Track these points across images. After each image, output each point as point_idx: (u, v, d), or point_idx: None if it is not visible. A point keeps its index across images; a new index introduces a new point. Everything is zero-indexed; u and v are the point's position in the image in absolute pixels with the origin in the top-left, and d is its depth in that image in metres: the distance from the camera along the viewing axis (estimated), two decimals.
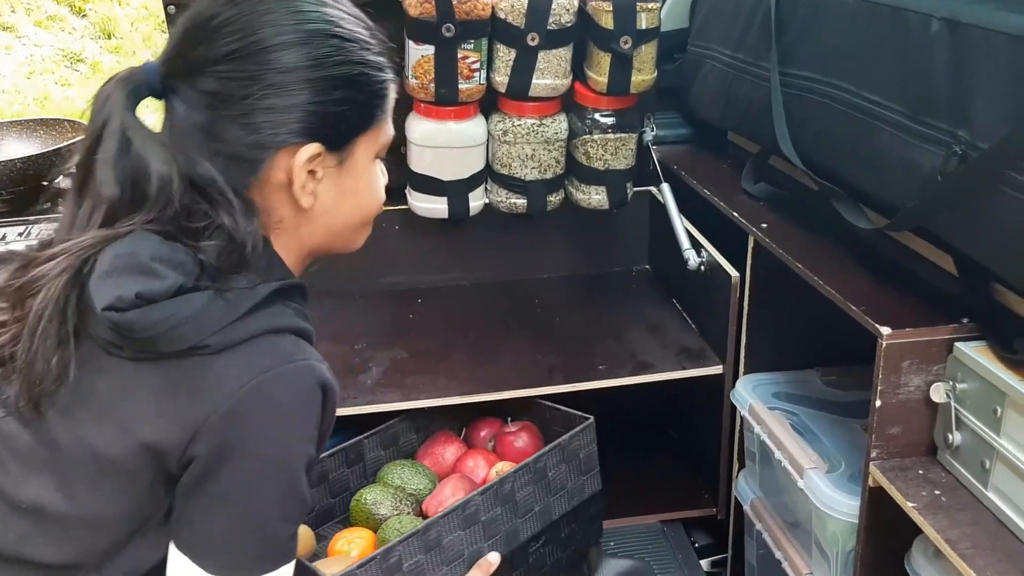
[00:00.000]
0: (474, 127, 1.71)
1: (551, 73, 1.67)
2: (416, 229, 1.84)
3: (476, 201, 1.77)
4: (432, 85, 1.65)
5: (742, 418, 1.53)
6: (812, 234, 1.43)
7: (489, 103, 1.74)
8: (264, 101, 0.92)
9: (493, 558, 1.33)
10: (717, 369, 1.60)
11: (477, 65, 1.65)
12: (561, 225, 1.90)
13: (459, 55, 1.63)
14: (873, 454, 1.17)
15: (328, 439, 1.00)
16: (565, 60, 1.68)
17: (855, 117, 1.31)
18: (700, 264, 1.62)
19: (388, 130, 1.02)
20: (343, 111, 0.96)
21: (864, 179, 1.32)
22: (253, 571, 0.91)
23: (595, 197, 1.78)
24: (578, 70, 1.72)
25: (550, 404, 1.56)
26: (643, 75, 1.69)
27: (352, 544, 1.39)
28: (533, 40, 1.63)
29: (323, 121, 0.95)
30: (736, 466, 1.61)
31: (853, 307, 1.20)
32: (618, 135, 1.74)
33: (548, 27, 1.63)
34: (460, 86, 1.65)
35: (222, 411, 0.87)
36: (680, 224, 1.68)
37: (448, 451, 1.57)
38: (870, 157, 1.29)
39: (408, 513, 1.45)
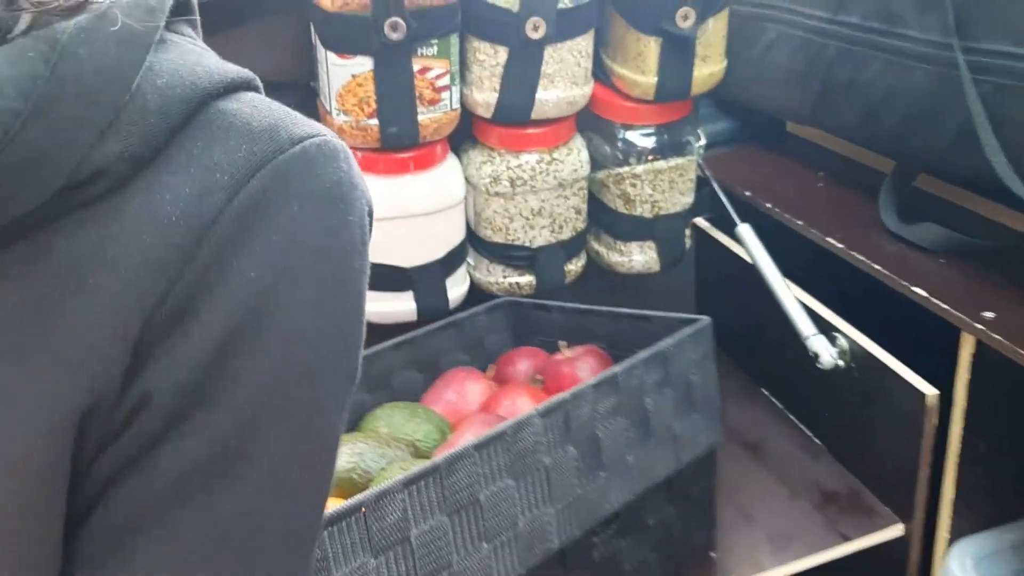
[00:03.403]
0: (446, 178, 1.05)
1: (566, 79, 1.02)
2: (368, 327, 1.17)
3: (457, 288, 1.12)
4: (374, 121, 0.98)
5: None
6: None
7: (462, 135, 1.08)
8: None
9: None
10: (896, 530, 1.01)
11: (446, 79, 0.99)
12: None
13: (415, 67, 0.97)
14: None
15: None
16: (586, 55, 1.03)
17: None
18: (839, 359, 1.03)
19: None
20: None
21: None
22: None
23: (638, 258, 1.15)
24: (597, 67, 1.08)
25: (628, 312, 1.01)
26: (711, 66, 1.06)
27: None
28: (536, 29, 0.98)
29: None
30: None
31: None
32: (672, 161, 1.11)
33: (560, 4, 0.98)
34: (421, 117, 0.99)
35: (181, 292, 0.39)
36: (787, 294, 1.08)
37: (470, 391, 1.01)
38: None
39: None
